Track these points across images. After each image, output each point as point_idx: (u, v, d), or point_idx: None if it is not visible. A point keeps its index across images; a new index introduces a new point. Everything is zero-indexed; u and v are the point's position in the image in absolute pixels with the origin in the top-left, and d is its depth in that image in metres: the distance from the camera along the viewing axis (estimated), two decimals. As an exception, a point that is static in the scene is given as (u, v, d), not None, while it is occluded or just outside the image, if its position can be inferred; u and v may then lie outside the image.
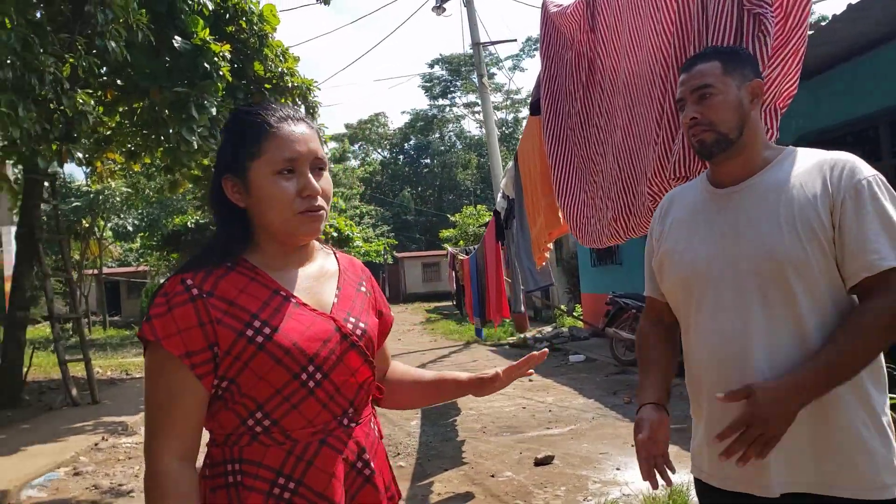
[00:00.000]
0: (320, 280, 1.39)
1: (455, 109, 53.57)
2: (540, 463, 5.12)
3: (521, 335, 13.78)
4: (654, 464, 1.60)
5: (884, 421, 1.51)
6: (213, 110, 7.47)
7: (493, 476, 4.91)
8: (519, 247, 4.83)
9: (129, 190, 18.30)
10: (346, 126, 56.54)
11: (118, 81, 8.19)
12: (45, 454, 5.79)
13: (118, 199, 19.46)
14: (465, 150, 51.49)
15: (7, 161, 9.54)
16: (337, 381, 1.29)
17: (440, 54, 56.34)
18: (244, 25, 8.52)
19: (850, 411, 1.49)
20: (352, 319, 1.36)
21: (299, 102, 9.23)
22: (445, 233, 28.81)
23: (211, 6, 7.52)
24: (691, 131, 1.65)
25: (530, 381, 8.90)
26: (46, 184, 9.01)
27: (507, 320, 15.86)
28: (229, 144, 1.32)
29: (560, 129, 3.18)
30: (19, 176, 9.59)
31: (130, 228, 23.86)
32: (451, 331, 16.84)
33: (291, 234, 1.31)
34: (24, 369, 8.76)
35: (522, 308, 7.05)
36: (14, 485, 4.91)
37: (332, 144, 54.68)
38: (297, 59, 9.98)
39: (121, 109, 9.18)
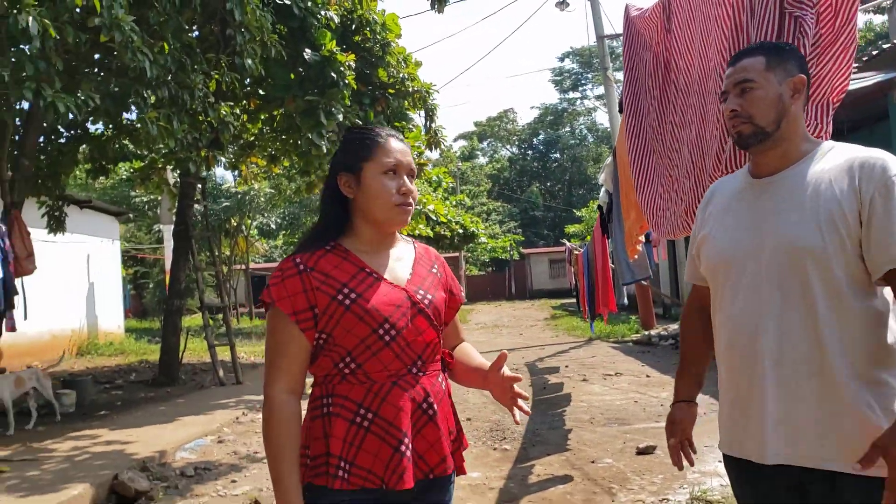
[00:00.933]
0: (399, 262, 1.75)
1: (586, 102, 52.85)
2: (641, 452, 5.22)
3: (646, 332, 13.59)
4: (679, 449, 1.97)
5: None
6: (340, 116, 8.07)
7: (592, 462, 5.08)
8: (616, 240, 4.95)
9: (272, 191, 19.78)
10: (476, 124, 57.31)
11: (260, 91, 9.01)
12: (196, 424, 6.60)
13: (262, 199, 21.07)
14: (596, 142, 50.67)
15: (167, 166, 10.78)
16: (408, 338, 1.63)
17: (570, 47, 55.64)
18: (368, 35, 9.08)
19: (854, 393, 1.57)
20: (421, 292, 1.70)
21: (419, 105, 9.68)
22: (571, 228, 28.63)
23: (337, 19, 8.11)
24: (731, 122, 1.74)
25: (648, 377, 8.87)
26: (199, 186, 10.06)
27: (634, 318, 15.69)
28: (347, 150, 1.73)
29: (640, 126, 3.33)
30: (177, 179, 10.78)
31: (273, 226, 25.70)
32: (573, 327, 16.86)
33: (388, 221, 1.69)
34: (181, 352, 9.86)
35: (626, 301, 7.08)
36: (171, 447, 5.68)
37: (462, 143, 55.63)
38: (418, 64, 10.46)
39: (262, 117, 10.05)
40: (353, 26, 9.10)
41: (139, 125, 5.88)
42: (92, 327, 14.65)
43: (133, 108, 5.60)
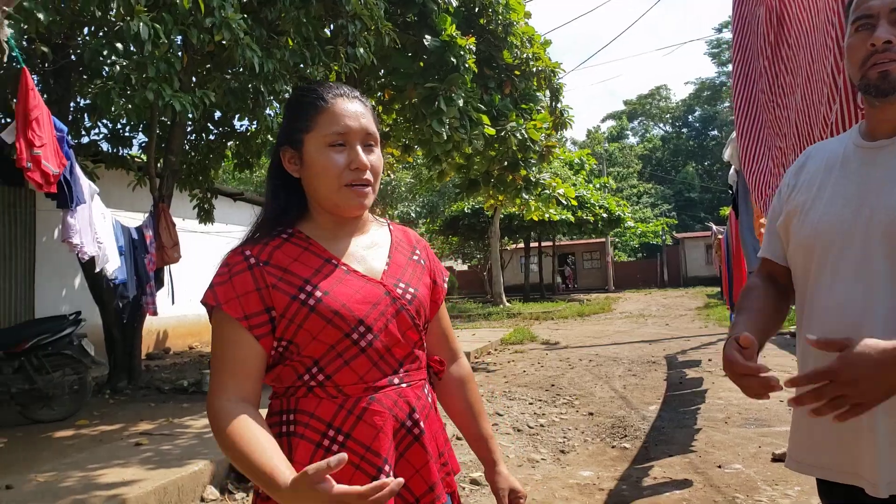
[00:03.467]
0: (372, 249, 1.45)
1: (746, 75, 49.27)
2: (777, 459, 4.69)
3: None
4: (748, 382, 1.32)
5: None
6: (461, 102, 7.96)
7: (719, 466, 4.63)
8: (743, 223, 4.44)
9: (412, 180, 20.18)
10: (625, 102, 55.31)
11: (393, 82, 9.10)
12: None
13: (403, 188, 21.55)
14: (757, 119, 47.16)
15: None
16: (387, 342, 1.35)
17: (728, 16, 52.06)
18: (491, 16, 8.91)
19: None
20: (402, 285, 1.41)
21: (544, 85, 9.37)
22: (725, 210, 26.79)
23: (456, 3, 7.99)
24: (877, 57, 1.36)
25: (801, 372, 8.05)
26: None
27: (794, 307, 14.32)
28: (288, 118, 1.41)
29: (751, 94, 2.90)
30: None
31: (413, 215, 26.24)
32: (725, 317, 15.74)
33: (339, 205, 1.37)
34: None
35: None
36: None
37: (610, 123, 53.89)
38: (547, 43, 10.14)
39: (396, 107, 10.18)
40: (477, 9, 8.97)
41: (258, 120, 6.10)
42: (247, 311, 15.70)
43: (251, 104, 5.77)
